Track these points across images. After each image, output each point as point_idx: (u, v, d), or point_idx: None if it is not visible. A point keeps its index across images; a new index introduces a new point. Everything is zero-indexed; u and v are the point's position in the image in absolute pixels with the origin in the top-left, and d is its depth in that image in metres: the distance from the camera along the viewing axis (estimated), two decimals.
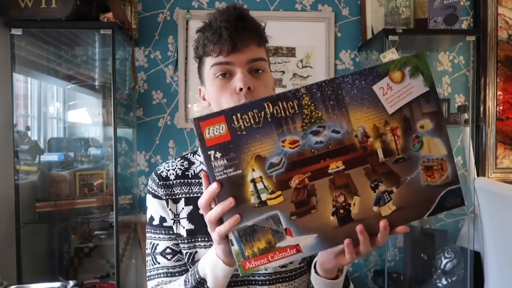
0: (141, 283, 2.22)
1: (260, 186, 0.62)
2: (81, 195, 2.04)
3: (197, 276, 0.77)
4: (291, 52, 2.29)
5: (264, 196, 0.63)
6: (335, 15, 2.31)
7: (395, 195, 0.64)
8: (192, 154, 0.96)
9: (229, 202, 0.62)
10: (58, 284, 1.48)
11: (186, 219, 0.88)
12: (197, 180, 0.90)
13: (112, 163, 1.89)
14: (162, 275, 0.88)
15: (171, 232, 0.89)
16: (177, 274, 0.88)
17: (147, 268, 0.91)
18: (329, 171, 0.63)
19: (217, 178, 0.62)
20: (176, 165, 0.93)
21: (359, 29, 2.33)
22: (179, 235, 0.88)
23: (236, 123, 0.61)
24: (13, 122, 1.81)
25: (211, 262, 0.74)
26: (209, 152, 0.62)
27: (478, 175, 2.31)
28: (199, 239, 0.87)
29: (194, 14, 2.24)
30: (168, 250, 0.89)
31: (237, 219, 0.62)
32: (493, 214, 2.05)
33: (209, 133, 0.61)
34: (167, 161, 0.96)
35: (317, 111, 0.62)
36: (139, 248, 2.21)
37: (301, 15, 2.29)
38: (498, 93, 2.36)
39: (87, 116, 2.26)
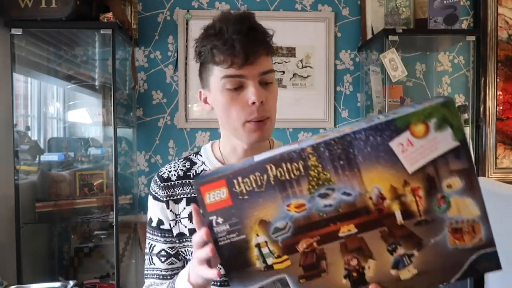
0: (141, 283, 2.21)
1: (265, 250, 0.60)
2: (81, 195, 2.04)
3: None
4: (291, 52, 2.29)
5: (270, 261, 0.60)
6: (335, 15, 2.31)
7: (417, 258, 0.59)
8: (194, 155, 0.97)
9: (207, 250, 0.61)
10: (58, 284, 1.48)
11: (187, 219, 0.89)
12: None
13: (112, 163, 1.89)
14: (155, 277, 0.91)
15: (167, 235, 0.91)
16: (168, 277, 0.91)
17: (145, 267, 0.94)
18: (340, 234, 0.58)
19: (220, 243, 0.60)
20: (178, 166, 0.94)
21: (359, 29, 2.33)
22: (181, 234, 0.90)
23: (237, 187, 0.58)
24: (13, 122, 1.81)
25: (185, 285, 0.74)
26: (210, 218, 0.60)
27: (478, 175, 2.31)
28: None
29: (194, 14, 2.24)
30: (163, 253, 0.91)
31: (215, 274, 0.61)
32: (493, 214, 2.05)
33: (209, 198, 0.59)
34: (169, 163, 0.97)
35: (325, 172, 0.57)
36: (139, 248, 2.21)
37: (301, 15, 2.29)
38: (498, 93, 2.36)
39: (87, 116, 2.26)
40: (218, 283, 0.87)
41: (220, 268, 0.64)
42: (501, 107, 2.37)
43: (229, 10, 0.83)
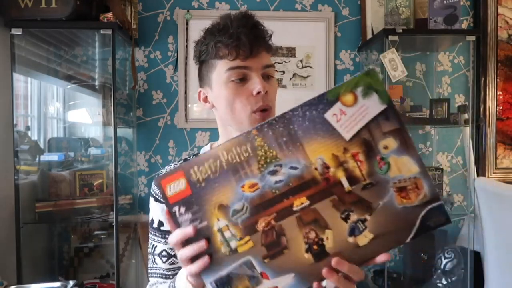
0: (141, 283, 2.22)
1: (227, 234, 0.62)
2: (81, 195, 2.04)
3: None
4: (291, 52, 2.29)
5: (233, 244, 0.62)
6: (335, 15, 2.31)
7: (370, 222, 0.61)
8: (193, 156, 0.97)
9: (202, 244, 0.62)
10: (58, 284, 1.48)
11: None
12: None
13: (112, 163, 1.89)
14: (158, 276, 0.94)
15: (167, 236, 0.92)
16: (170, 277, 0.93)
17: (148, 266, 0.97)
18: (294, 208, 0.61)
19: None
20: None
21: (359, 29, 2.33)
22: None
23: (194, 176, 0.61)
24: (13, 122, 1.81)
25: (184, 284, 0.74)
26: (173, 209, 0.62)
27: (478, 175, 2.31)
28: None
29: (194, 14, 2.24)
30: (164, 253, 0.93)
31: (206, 261, 0.62)
32: (493, 214, 2.05)
33: (170, 190, 0.62)
34: (169, 164, 0.98)
35: (271, 150, 0.61)
36: (139, 248, 2.21)
37: (301, 15, 2.29)
38: (498, 93, 2.36)
39: (87, 116, 2.26)
40: None
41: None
42: (501, 107, 2.37)
43: (230, 11, 0.86)
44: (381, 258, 0.62)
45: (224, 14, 0.85)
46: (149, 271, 0.96)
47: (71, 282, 1.50)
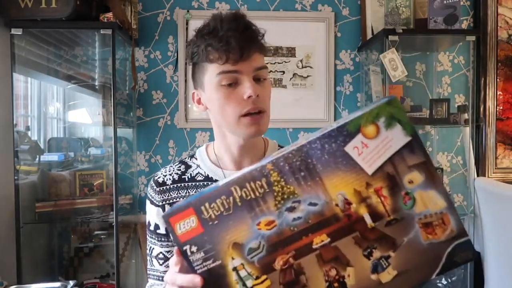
0: (141, 283, 2.22)
1: (243, 273, 0.59)
2: (81, 195, 2.04)
3: None
4: (291, 52, 2.29)
5: (249, 283, 0.59)
6: (335, 15, 2.31)
7: (394, 259, 0.59)
8: (189, 158, 0.98)
9: (198, 281, 0.60)
10: (58, 284, 1.48)
11: None
12: (193, 183, 0.92)
13: (112, 163, 1.89)
14: (155, 278, 0.95)
15: (163, 239, 0.93)
16: None
17: (147, 266, 0.97)
18: (314, 246, 0.58)
19: (198, 271, 0.60)
20: (173, 170, 0.95)
21: (359, 29, 2.33)
22: None
23: (205, 213, 0.58)
24: (13, 122, 1.81)
25: None
26: (184, 248, 0.59)
27: (478, 175, 2.31)
28: None
29: (194, 14, 2.24)
30: (160, 256, 0.94)
31: None
32: (493, 214, 2.05)
33: (180, 228, 0.59)
34: (165, 166, 0.98)
35: (288, 186, 0.58)
36: (139, 248, 2.21)
37: (301, 15, 2.29)
38: (498, 93, 2.36)
39: (87, 116, 2.26)
40: None
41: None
42: (501, 107, 2.37)
43: (221, 11, 0.84)
44: None
45: (215, 14, 0.83)
46: (148, 271, 0.96)
47: (71, 282, 1.50)
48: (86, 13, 1.83)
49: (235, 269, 0.59)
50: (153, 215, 0.93)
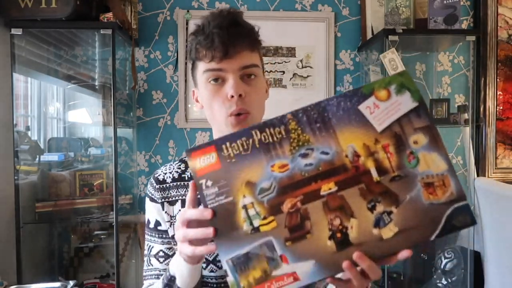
0: (141, 283, 2.21)
1: (252, 212, 0.61)
2: (81, 195, 2.04)
3: (167, 274, 0.79)
4: (291, 52, 2.29)
5: (256, 222, 0.61)
6: (335, 15, 2.31)
7: (396, 215, 0.61)
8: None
9: (209, 231, 0.61)
10: (58, 284, 1.48)
11: None
12: None
13: (112, 163, 1.89)
14: (154, 277, 0.92)
15: (164, 236, 0.92)
16: None
17: (143, 268, 0.95)
18: (322, 193, 0.61)
19: (209, 206, 0.62)
20: (173, 168, 0.94)
21: (359, 29, 2.33)
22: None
23: (225, 151, 0.62)
24: (13, 122, 1.81)
25: (177, 261, 0.74)
26: (200, 181, 0.62)
27: (478, 175, 2.31)
28: None
29: (194, 14, 2.24)
30: (161, 253, 0.92)
31: (213, 249, 0.62)
32: (493, 214, 2.05)
33: (200, 163, 0.62)
34: (165, 164, 0.97)
35: (304, 134, 0.62)
36: (139, 248, 2.21)
37: (301, 15, 2.29)
38: (498, 93, 2.36)
39: (87, 116, 2.26)
40: (215, 285, 0.87)
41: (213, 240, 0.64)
42: (501, 107, 2.37)
43: (218, 8, 0.84)
44: (403, 254, 0.60)
45: (209, 13, 0.83)
46: (144, 273, 0.95)
47: (71, 282, 1.50)
48: (86, 13, 1.83)
49: (244, 207, 0.62)
50: (153, 212, 0.92)
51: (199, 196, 0.64)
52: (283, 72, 2.28)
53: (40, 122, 2.22)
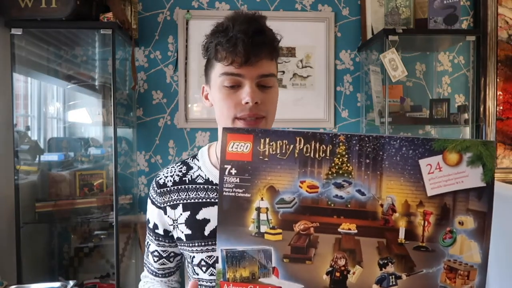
0: None
1: (263, 217, 0.60)
2: (81, 195, 2.04)
3: None
4: (291, 52, 2.29)
5: (263, 228, 0.60)
6: (335, 15, 2.31)
7: (403, 282, 0.57)
8: (191, 159, 0.97)
9: None
10: (58, 284, 1.48)
11: (184, 225, 0.90)
12: (193, 186, 0.91)
13: (112, 163, 1.89)
14: (150, 271, 1.00)
15: (160, 239, 0.95)
16: (160, 276, 0.99)
17: (144, 256, 1.02)
18: (339, 230, 0.59)
19: (224, 193, 0.61)
20: (175, 171, 0.94)
21: (359, 29, 2.33)
22: (179, 239, 0.91)
23: (262, 146, 0.59)
24: (13, 122, 1.81)
25: None
26: (225, 166, 0.60)
27: None
28: (196, 244, 0.89)
29: (194, 14, 2.24)
30: (155, 253, 0.97)
31: None
32: (493, 214, 2.05)
33: (232, 147, 0.60)
34: (167, 167, 0.98)
35: (348, 164, 0.58)
36: (139, 248, 2.21)
37: (301, 15, 2.29)
38: (498, 93, 2.36)
39: (87, 116, 2.26)
40: None
41: None
42: (501, 107, 2.37)
43: (242, 10, 0.83)
44: None
45: (233, 13, 0.83)
46: (144, 261, 1.00)
47: (71, 282, 1.50)
48: (86, 13, 1.83)
49: (258, 209, 0.60)
50: (153, 214, 0.94)
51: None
52: (283, 72, 2.28)
53: (40, 122, 2.22)
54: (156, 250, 0.96)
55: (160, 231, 0.93)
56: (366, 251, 0.58)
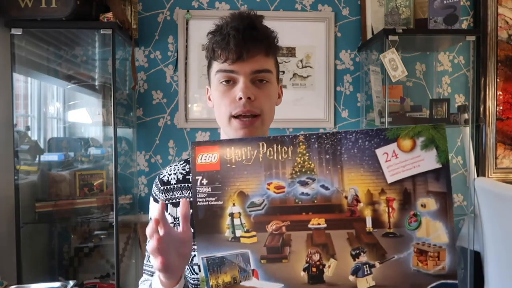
0: None
1: (237, 222, 0.62)
2: (81, 195, 2.04)
3: None
4: (291, 52, 2.29)
5: (238, 233, 0.62)
6: (335, 15, 2.31)
7: (377, 270, 0.59)
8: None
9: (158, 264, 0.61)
10: (58, 284, 1.48)
11: None
12: None
13: (112, 163, 1.89)
14: (149, 274, 0.96)
15: None
16: None
17: (144, 261, 0.99)
18: (309, 225, 0.60)
19: (198, 203, 0.63)
20: (178, 169, 0.95)
21: (359, 29, 2.33)
22: None
23: (228, 155, 0.62)
24: (13, 122, 1.81)
25: (156, 284, 0.73)
26: (197, 177, 0.63)
27: (478, 175, 2.31)
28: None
29: (194, 14, 2.24)
30: None
31: (155, 242, 0.61)
32: (493, 214, 2.05)
33: (201, 159, 0.63)
34: (170, 164, 0.98)
35: (310, 162, 0.60)
36: (139, 248, 2.21)
37: (301, 15, 2.29)
38: (498, 93, 2.36)
39: (87, 116, 2.26)
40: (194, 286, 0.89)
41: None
42: (501, 107, 2.37)
43: (240, 10, 0.84)
44: None
45: (230, 14, 0.83)
46: (144, 266, 0.98)
47: (71, 282, 1.50)
48: (86, 13, 1.83)
49: (231, 214, 0.62)
50: (155, 211, 0.93)
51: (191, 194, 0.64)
52: (283, 72, 2.28)
53: (40, 122, 2.22)
54: None
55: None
56: (337, 244, 0.60)
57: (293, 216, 0.61)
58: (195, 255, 0.90)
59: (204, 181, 0.63)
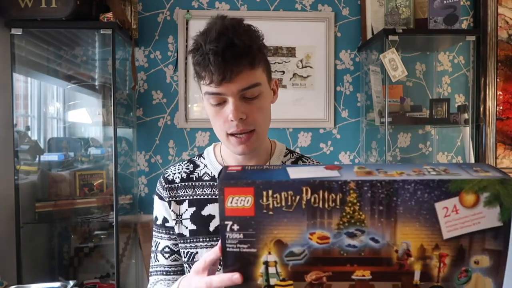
0: (141, 283, 2.22)
1: (272, 270, 0.56)
2: (81, 195, 2.04)
3: None
4: (291, 52, 2.29)
5: (273, 281, 0.57)
6: (335, 15, 2.31)
7: None
8: (198, 157, 1.00)
9: (237, 278, 0.57)
10: (58, 284, 1.48)
11: (189, 220, 0.92)
12: (200, 183, 0.94)
13: (112, 163, 1.89)
14: (159, 273, 0.95)
15: (171, 232, 0.95)
16: (172, 273, 0.95)
17: (150, 264, 0.98)
18: (353, 276, 0.56)
19: (228, 249, 0.57)
20: (182, 169, 0.97)
21: (359, 29, 2.33)
22: (181, 235, 0.93)
23: (265, 199, 0.55)
24: (13, 122, 1.81)
25: None
26: (226, 222, 0.56)
27: None
28: (201, 239, 0.91)
29: (194, 14, 2.24)
30: (166, 249, 0.95)
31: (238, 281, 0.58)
32: None
33: (231, 202, 0.55)
34: (174, 164, 1.00)
35: (361, 213, 0.54)
36: (139, 248, 2.21)
37: (301, 15, 2.29)
38: (498, 93, 2.36)
39: (87, 116, 2.26)
40: None
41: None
42: (501, 107, 2.37)
43: (215, 20, 0.77)
44: None
45: (205, 27, 0.78)
46: (150, 269, 0.97)
47: (71, 282, 1.50)
48: (86, 13, 1.83)
49: (266, 263, 0.57)
50: (161, 209, 0.95)
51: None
52: (283, 72, 2.28)
53: (40, 122, 2.22)
54: (167, 246, 0.95)
55: (171, 223, 0.94)
56: None
57: (336, 267, 0.56)
58: (196, 253, 0.91)
59: (235, 227, 0.56)
